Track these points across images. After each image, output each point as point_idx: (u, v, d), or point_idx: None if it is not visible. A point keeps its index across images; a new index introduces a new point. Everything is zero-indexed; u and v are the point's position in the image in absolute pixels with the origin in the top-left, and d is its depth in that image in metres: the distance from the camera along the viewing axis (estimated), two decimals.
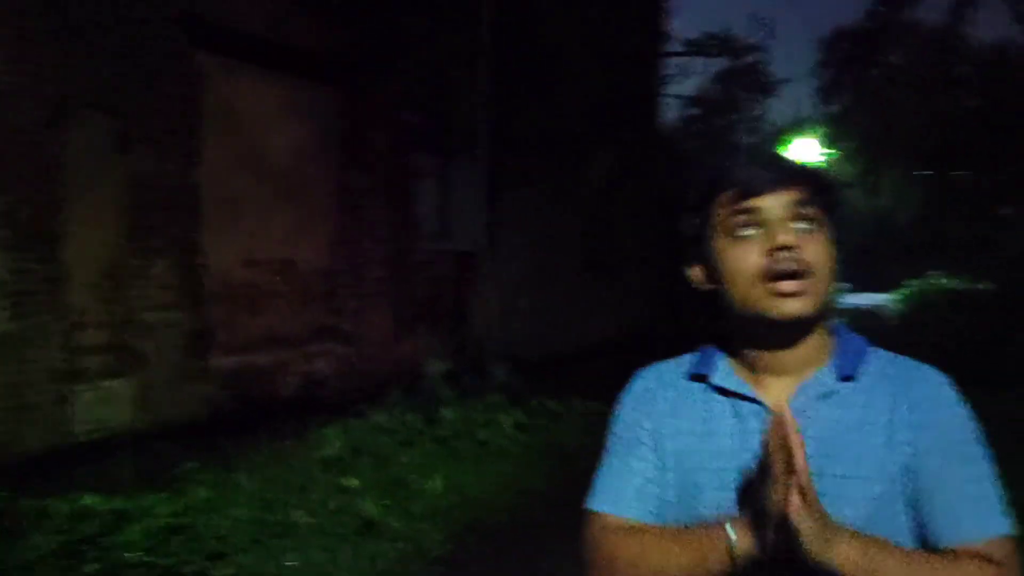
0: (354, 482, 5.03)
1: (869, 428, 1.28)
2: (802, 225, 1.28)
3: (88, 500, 4.11)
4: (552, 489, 6.48)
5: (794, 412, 1.19)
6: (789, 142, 25.16)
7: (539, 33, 10.72)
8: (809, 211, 1.28)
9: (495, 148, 10.14)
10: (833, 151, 25.79)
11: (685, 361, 1.46)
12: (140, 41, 6.19)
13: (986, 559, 1.22)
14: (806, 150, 24.59)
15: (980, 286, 18.23)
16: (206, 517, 4.29)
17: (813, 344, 1.32)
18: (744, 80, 26.52)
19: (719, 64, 25.33)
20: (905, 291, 23.24)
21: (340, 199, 8.25)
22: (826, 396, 1.30)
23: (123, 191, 6.14)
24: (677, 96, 24.11)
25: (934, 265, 22.69)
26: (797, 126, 26.31)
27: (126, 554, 3.70)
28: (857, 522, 1.21)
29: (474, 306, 10.04)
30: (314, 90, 7.95)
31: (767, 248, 1.26)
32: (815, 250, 1.27)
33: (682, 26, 39.31)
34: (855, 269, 29.10)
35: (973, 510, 1.24)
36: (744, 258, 1.28)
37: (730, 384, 1.36)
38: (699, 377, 1.40)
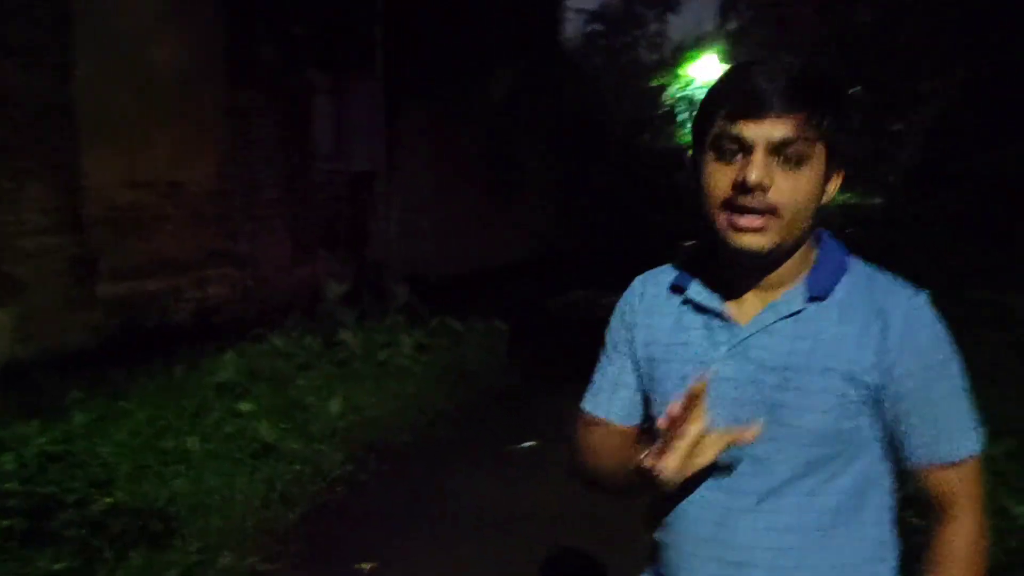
0: (250, 406, 4.95)
1: (835, 346, 1.29)
2: (785, 161, 1.24)
3: None
4: (453, 408, 6.55)
5: (759, 329, 1.31)
6: (690, 59, 25.25)
7: None
8: (795, 149, 1.24)
9: (392, 63, 9.88)
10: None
11: (669, 270, 1.49)
12: None
13: (953, 490, 1.31)
14: (706, 67, 24.73)
15: (871, 200, 18.89)
16: (89, 444, 4.17)
17: (791, 264, 1.34)
18: None
19: None
20: None
21: (229, 117, 7.93)
22: (792, 316, 1.32)
23: None
24: (579, 10, 23.88)
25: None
26: (698, 43, 26.35)
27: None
28: (816, 434, 1.28)
29: (374, 227, 9.91)
30: (196, 2, 7.55)
31: (736, 180, 1.25)
32: (789, 190, 1.25)
33: None
34: None
35: (948, 431, 1.30)
36: (716, 183, 1.28)
37: (702, 299, 1.38)
38: (678, 289, 1.43)
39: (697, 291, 1.40)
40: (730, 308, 1.36)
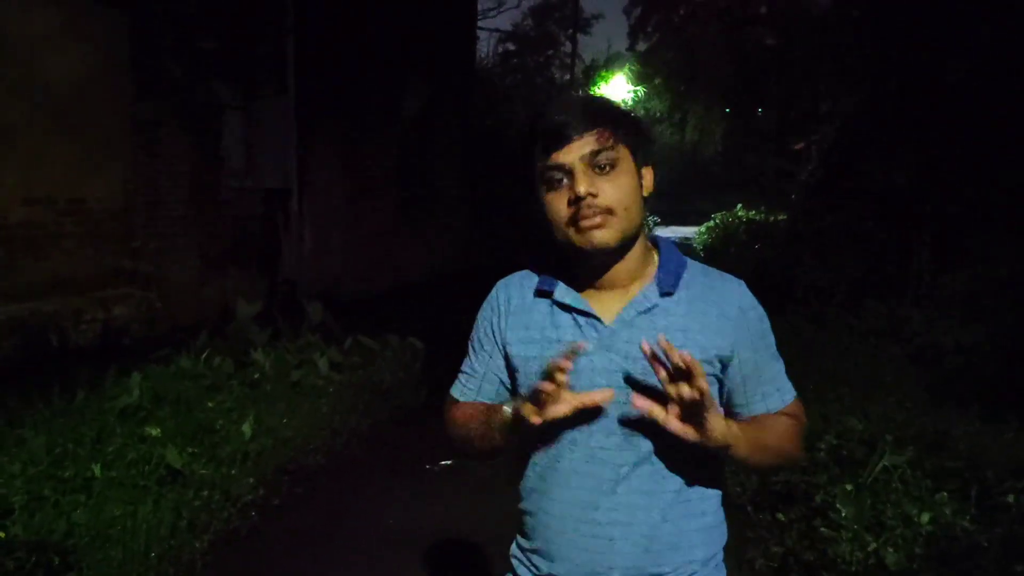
0: (155, 431, 4.77)
1: (688, 333, 1.54)
2: (600, 170, 1.50)
3: None
4: (368, 427, 6.46)
5: (622, 324, 1.55)
6: (601, 79, 25.67)
7: None
8: (604, 156, 1.50)
9: (304, 79, 9.75)
10: (641, 88, 26.59)
11: (530, 276, 1.72)
12: None
13: (789, 415, 1.66)
14: (616, 87, 25.18)
15: (775, 217, 19.47)
16: None
17: (636, 260, 1.59)
18: (557, 15, 26.72)
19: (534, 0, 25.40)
20: (710, 224, 24.51)
21: (133, 132, 7.70)
22: (649, 310, 1.56)
23: None
24: (493, 30, 24.06)
25: (738, 198, 24.00)
26: (609, 63, 26.83)
27: None
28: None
29: (286, 245, 9.74)
30: (96, 13, 7.31)
31: (569, 198, 1.51)
32: (612, 190, 1.50)
33: None
34: (664, 203, 30.38)
35: (776, 387, 1.64)
36: (556, 208, 1.54)
37: (569, 300, 1.60)
38: (544, 293, 1.65)
39: (563, 293, 1.61)
40: (594, 307, 1.58)
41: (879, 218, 12.15)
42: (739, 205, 23.42)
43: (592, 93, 1.58)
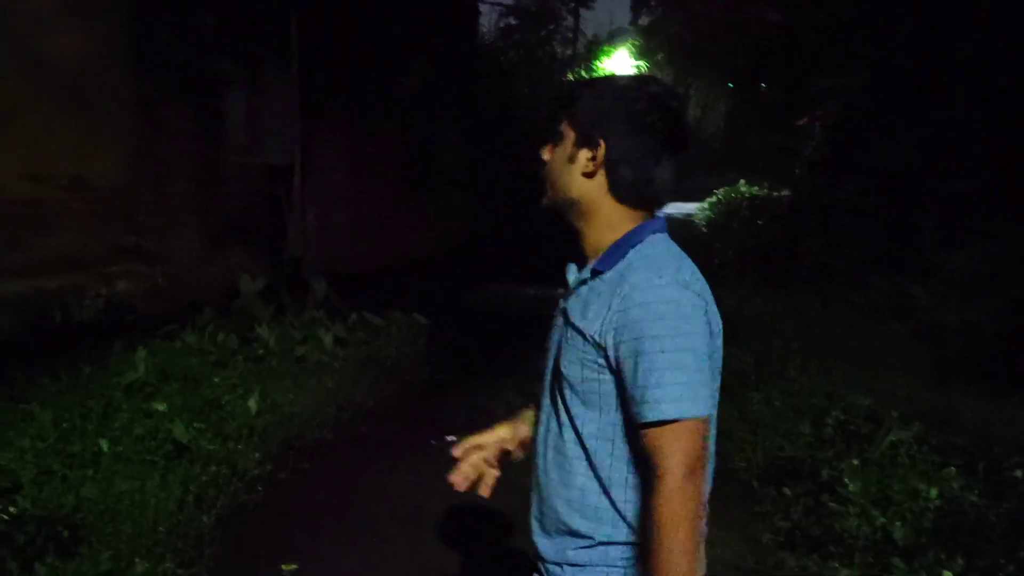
0: (162, 406, 4.79)
1: (594, 311, 1.58)
2: (554, 141, 1.70)
3: None
4: (373, 403, 6.48)
5: (571, 289, 1.70)
6: (604, 54, 25.50)
7: None
8: (555, 133, 1.70)
9: (307, 55, 9.69)
10: (643, 63, 26.41)
11: None
12: None
13: (648, 449, 1.51)
14: (618, 62, 25.01)
15: (778, 193, 19.41)
16: None
17: (593, 243, 1.69)
18: None
19: None
20: (712, 199, 24.43)
21: (137, 108, 7.65)
22: (581, 283, 1.68)
23: None
24: (495, 4, 23.87)
25: (740, 174, 23.90)
26: (611, 38, 26.64)
27: None
28: (571, 379, 1.61)
29: (289, 221, 9.71)
30: None
31: None
32: (548, 161, 1.71)
33: None
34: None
35: (650, 396, 1.48)
36: None
37: (569, 271, 1.76)
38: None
39: (569, 266, 1.77)
40: (574, 275, 1.73)
41: (884, 195, 12.11)
42: (741, 181, 23.34)
43: (584, 75, 1.68)
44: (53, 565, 3.40)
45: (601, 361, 1.56)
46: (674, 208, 27.74)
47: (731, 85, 26.58)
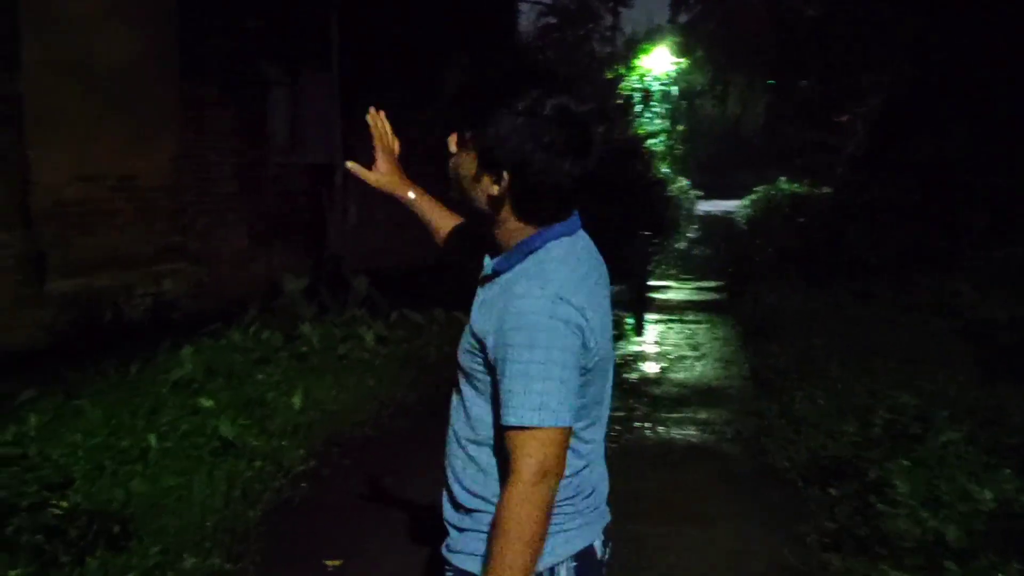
0: (208, 403, 4.86)
1: (485, 310, 1.66)
2: (462, 144, 1.71)
3: None
4: (415, 400, 6.51)
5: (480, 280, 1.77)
6: (643, 52, 25.37)
7: None
8: (463, 135, 1.70)
9: (347, 55, 9.77)
10: (683, 60, 26.25)
11: None
12: None
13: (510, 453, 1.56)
14: (657, 60, 24.88)
15: (819, 190, 19.19)
16: (42, 445, 4.06)
17: (502, 238, 1.70)
18: None
19: None
20: (753, 196, 24.22)
21: (182, 110, 7.78)
22: (484, 278, 1.74)
23: None
24: (534, 3, 23.87)
25: (780, 171, 23.67)
26: (650, 36, 26.50)
27: None
28: (463, 367, 1.70)
29: (330, 220, 9.80)
30: None
31: None
32: (453, 161, 1.73)
33: None
34: (706, 177, 30.04)
35: (510, 401, 1.53)
36: None
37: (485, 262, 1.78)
38: None
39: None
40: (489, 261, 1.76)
41: (928, 191, 11.92)
42: (782, 178, 23.12)
43: (483, 79, 1.65)
44: (104, 559, 3.46)
45: (481, 357, 1.63)
46: (712, 205, 27.60)
47: (770, 81, 26.34)
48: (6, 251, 6.07)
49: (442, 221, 2.30)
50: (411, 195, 2.31)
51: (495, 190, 1.64)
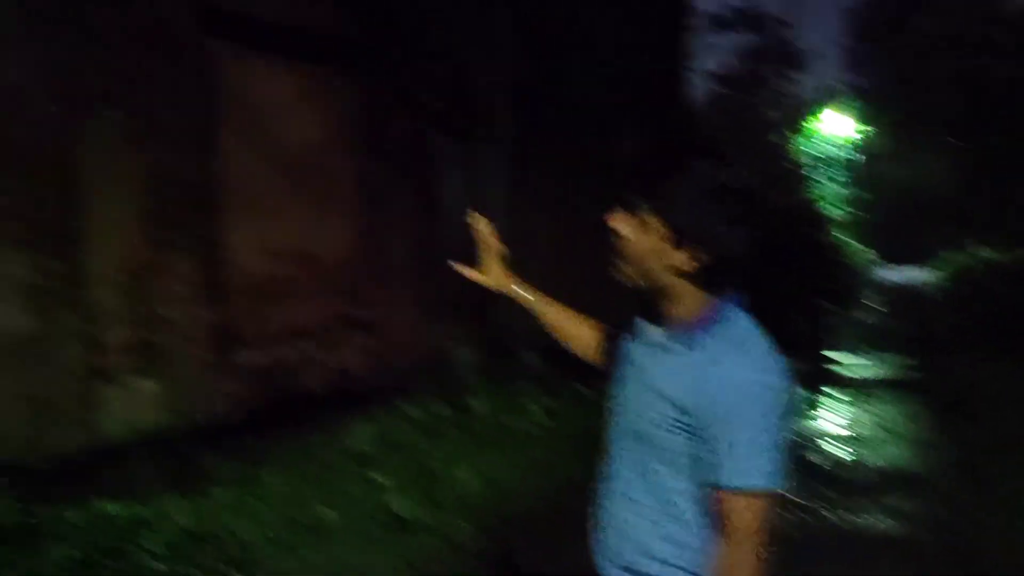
0: (383, 477, 4.91)
1: (670, 374, 1.71)
2: (631, 219, 1.74)
3: (107, 507, 4.02)
4: (585, 475, 6.35)
5: (644, 349, 1.83)
6: (817, 115, 24.69)
7: (560, 10, 10.50)
8: (637, 214, 1.73)
9: (517, 129, 9.96)
10: (865, 122, 25.32)
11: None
12: (154, 33, 6.08)
13: (724, 511, 1.66)
14: (837, 123, 24.12)
15: (1014, 254, 17.81)
16: (230, 520, 4.18)
17: (680, 312, 1.76)
18: (771, 54, 26.03)
19: (745, 39, 24.93)
20: (945, 265, 22.80)
21: (360, 187, 8.11)
22: (662, 348, 1.77)
23: (141, 186, 6.05)
24: (702, 72, 23.77)
25: (968, 235, 22.21)
26: (828, 99, 25.76)
27: (146, 563, 3.59)
28: (653, 437, 1.73)
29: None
30: (331, 76, 7.81)
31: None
32: (628, 242, 1.75)
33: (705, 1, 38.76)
34: (890, 242, 28.60)
35: (729, 464, 1.63)
36: None
37: (635, 325, 1.91)
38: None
39: (637, 320, 1.90)
40: (649, 335, 1.83)
41: None
42: (973, 242, 21.65)
43: (671, 153, 1.64)
44: None
45: (681, 424, 1.68)
46: (896, 273, 26.18)
47: (956, 141, 24.97)
48: (198, 324, 6.43)
49: (573, 325, 2.35)
50: (529, 296, 2.40)
51: (682, 265, 1.70)
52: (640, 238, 1.73)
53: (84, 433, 5.53)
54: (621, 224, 1.76)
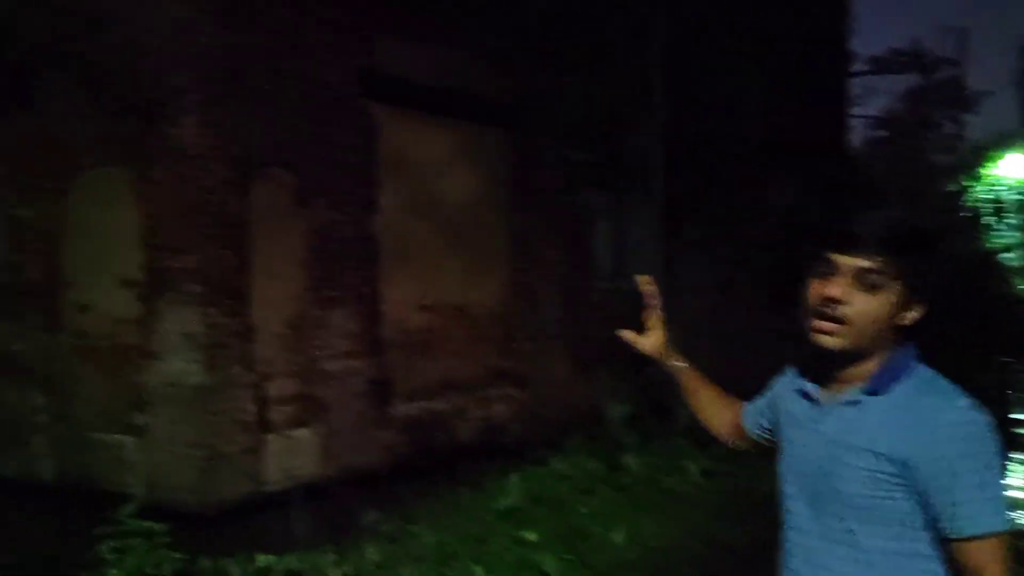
0: (533, 535, 4.84)
1: (874, 429, 1.64)
2: (860, 284, 1.64)
3: (263, 560, 4.13)
4: (744, 542, 6.06)
5: (828, 411, 1.73)
6: (993, 159, 23.24)
7: (712, 61, 10.38)
8: (872, 279, 1.63)
9: (670, 182, 9.84)
10: None
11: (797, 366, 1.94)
12: (317, 97, 6.40)
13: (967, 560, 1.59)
14: (1009, 167, 22.64)
15: None
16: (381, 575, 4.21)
17: (865, 367, 1.69)
18: (938, 96, 24.82)
19: (908, 80, 23.91)
20: None
21: (512, 241, 8.20)
22: (851, 403, 1.70)
23: (304, 243, 6.32)
24: (863, 117, 22.90)
25: None
26: (1002, 141, 24.23)
27: None
28: (854, 496, 1.64)
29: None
30: (483, 133, 7.98)
31: (822, 293, 1.67)
32: (860, 306, 1.64)
33: (865, 43, 37.51)
34: None
35: (965, 512, 1.57)
36: (811, 295, 1.70)
37: (805, 386, 1.83)
38: (795, 378, 1.90)
39: (804, 381, 1.83)
40: (821, 394, 1.77)
41: None
42: None
43: (904, 216, 1.53)
44: None
45: (897, 479, 1.61)
46: None
47: None
48: (358, 377, 6.61)
49: (717, 405, 2.33)
50: (680, 364, 2.36)
51: (909, 321, 1.69)
52: (870, 301, 1.65)
53: (247, 481, 5.74)
54: (843, 290, 1.66)
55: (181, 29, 5.70)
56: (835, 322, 1.65)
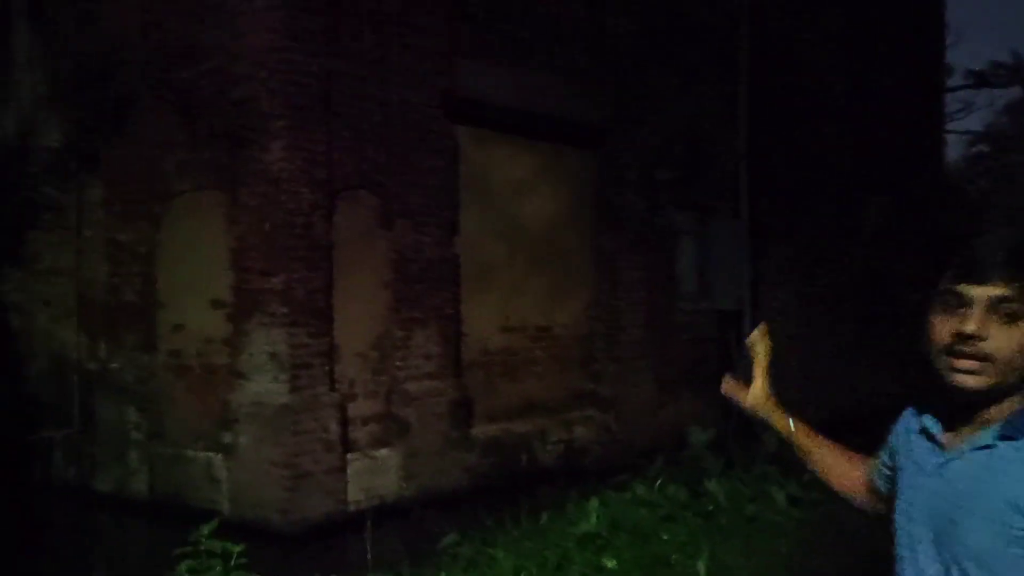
0: (612, 562, 4.76)
1: (1011, 480, 1.47)
2: (996, 315, 1.49)
3: None
4: (831, 572, 5.86)
5: (956, 455, 1.57)
6: None
7: (798, 78, 10.17)
8: (1011, 307, 1.49)
9: (756, 201, 9.65)
10: None
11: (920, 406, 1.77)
12: (400, 121, 6.49)
13: None
14: None
15: None
16: None
17: (1000, 408, 1.54)
18: None
19: (1010, 94, 22.98)
20: None
21: (595, 262, 8.15)
22: (983, 448, 1.54)
23: (387, 265, 6.41)
24: (961, 132, 22.10)
25: None
26: None
27: None
28: (984, 553, 1.48)
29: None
30: (567, 155, 7.97)
31: (956, 329, 1.51)
32: (1002, 340, 1.49)
33: (962, 56, 36.25)
34: None
35: None
36: (940, 331, 1.55)
37: (929, 424, 1.67)
38: (917, 421, 1.74)
39: (928, 423, 1.67)
40: (946, 437, 1.62)
41: None
42: None
43: None
44: None
45: (1010, 528, 1.47)
46: None
47: None
48: (440, 398, 6.65)
49: (837, 459, 2.05)
50: (790, 424, 2.07)
51: None
52: (1011, 333, 1.51)
53: (329, 500, 5.82)
54: (980, 324, 1.52)
55: (269, 57, 5.87)
56: (976, 359, 1.51)
